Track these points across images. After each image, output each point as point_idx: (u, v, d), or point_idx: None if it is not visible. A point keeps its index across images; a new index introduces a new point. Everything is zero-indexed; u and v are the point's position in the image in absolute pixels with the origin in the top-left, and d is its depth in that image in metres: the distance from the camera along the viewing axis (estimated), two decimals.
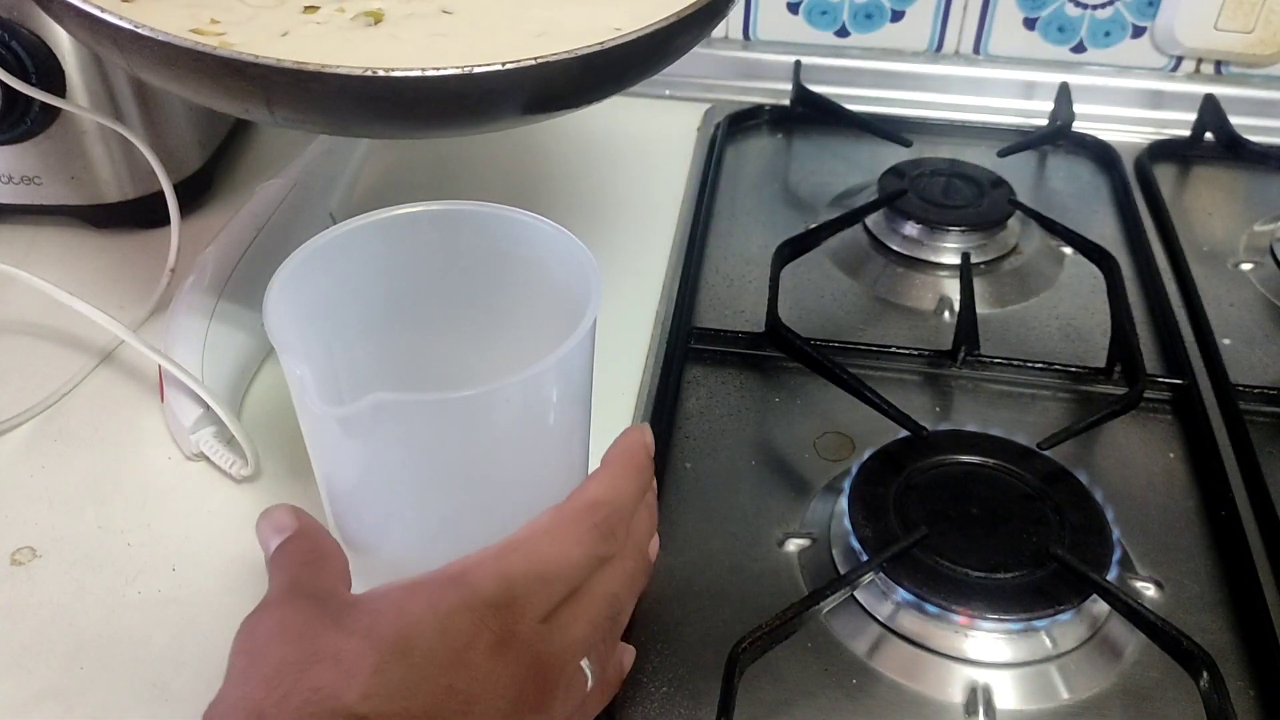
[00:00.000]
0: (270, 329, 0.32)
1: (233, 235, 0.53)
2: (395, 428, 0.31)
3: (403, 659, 0.30)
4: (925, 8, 0.77)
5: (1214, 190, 0.71)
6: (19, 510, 0.46)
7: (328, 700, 0.29)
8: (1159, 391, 0.52)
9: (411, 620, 0.31)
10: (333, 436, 0.34)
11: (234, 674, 0.31)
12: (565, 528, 0.34)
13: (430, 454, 0.33)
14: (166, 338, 0.50)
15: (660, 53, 0.33)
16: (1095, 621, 0.41)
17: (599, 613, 0.34)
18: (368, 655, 0.30)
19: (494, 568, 0.32)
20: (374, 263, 0.37)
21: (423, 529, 0.36)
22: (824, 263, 0.61)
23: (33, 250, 0.62)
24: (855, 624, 0.42)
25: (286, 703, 0.29)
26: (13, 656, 0.40)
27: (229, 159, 0.69)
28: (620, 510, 0.36)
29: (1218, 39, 0.74)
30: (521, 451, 0.34)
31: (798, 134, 0.75)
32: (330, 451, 0.35)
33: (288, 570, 0.34)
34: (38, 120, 0.57)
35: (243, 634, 0.32)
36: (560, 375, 0.33)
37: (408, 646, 0.30)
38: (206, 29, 0.31)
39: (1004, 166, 0.66)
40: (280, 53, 0.30)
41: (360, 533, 0.37)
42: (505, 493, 0.35)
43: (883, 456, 0.46)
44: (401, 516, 0.36)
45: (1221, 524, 0.46)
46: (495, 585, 0.32)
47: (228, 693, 0.31)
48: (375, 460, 0.34)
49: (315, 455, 0.36)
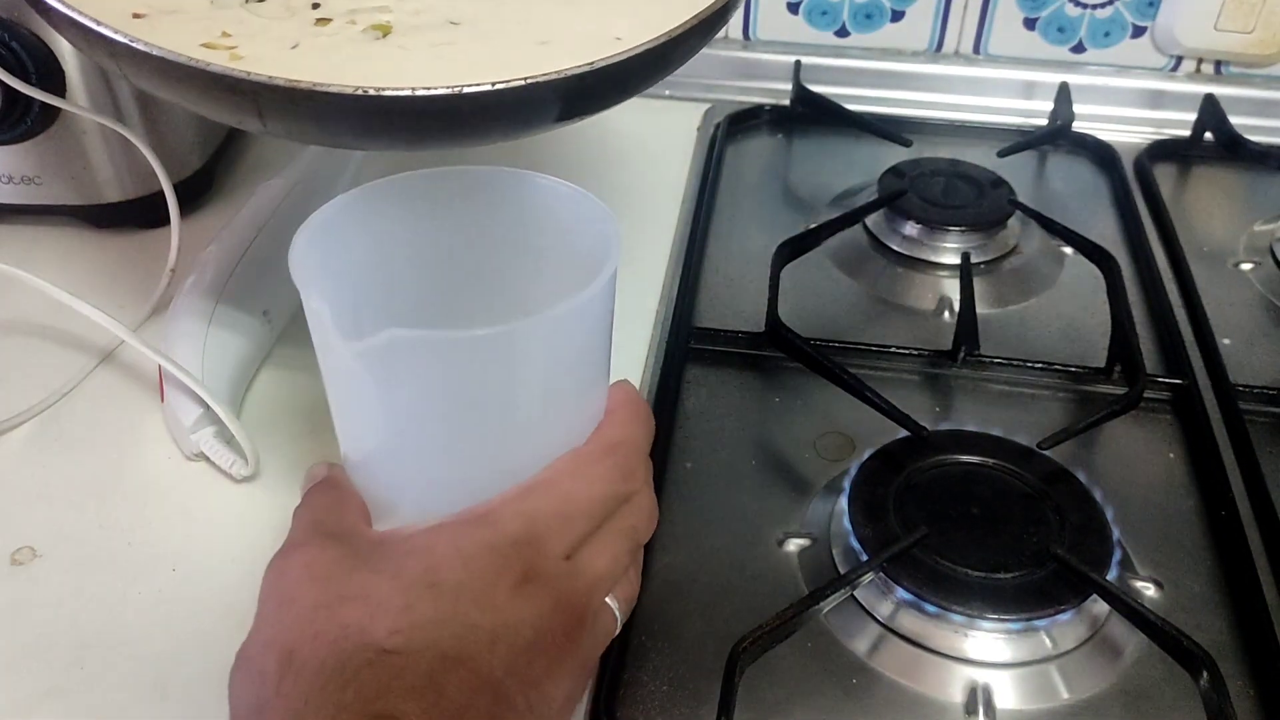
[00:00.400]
0: (294, 267, 0.32)
1: (233, 235, 0.53)
2: (413, 365, 0.31)
3: (430, 595, 0.30)
4: (925, 8, 0.77)
5: (1214, 190, 0.71)
6: (19, 510, 0.46)
7: (356, 637, 0.29)
8: (1159, 391, 0.52)
9: (437, 559, 0.31)
10: (351, 378, 0.33)
11: (264, 615, 0.32)
12: (586, 468, 0.35)
13: (448, 395, 0.33)
14: (166, 338, 0.50)
15: (654, 68, 0.34)
16: (1095, 621, 0.41)
17: (620, 547, 0.35)
18: (395, 593, 0.30)
19: (517, 507, 0.33)
20: (399, 223, 0.37)
21: (441, 477, 0.35)
22: (824, 263, 0.61)
23: (33, 250, 0.62)
24: (855, 624, 0.42)
25: (318, 641, 0.30)
26: (13, 656, 0.40)
27: (229, 159, 0.69)
28: (637, 450, 0.37)
29: (1218, 39, 0.74)
30: (540, 397, 0.34)
31: (798, 134, 0.75)
32: (348, 395, 0.35)
33: (310, 512, 0.35)
34: (38, 120, 0.57)
35: (270, 576, 0.33)
36: (580, 321, 0.33)
37: (434, 583, 0.31)
38: (218, 42, 0.31)
39: (1004, 166, 0.66)
40: (290, 64, 0.31)
41: (379, 483, 0.36)
42: (524, 439, 0.35)
43: (883, 456, 0.46)
44: (420, 463, 0.35)
45: (1221, 524, 0.46)
46: (519, 523, 0.32)
47: (258, 633, 0.31)
48: (393, 401, 0.33)
49: (334, 401, 0.36)
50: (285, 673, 0.30)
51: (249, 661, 0.31)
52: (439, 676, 0.29)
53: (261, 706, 0.30)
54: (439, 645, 0.30)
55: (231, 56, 0.31)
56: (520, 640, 0.31)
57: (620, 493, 0.35)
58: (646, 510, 0.37)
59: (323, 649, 0.30)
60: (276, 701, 0.29)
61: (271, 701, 0.29)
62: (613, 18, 0.34)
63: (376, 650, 0.29)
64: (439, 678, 0.29)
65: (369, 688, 0.29)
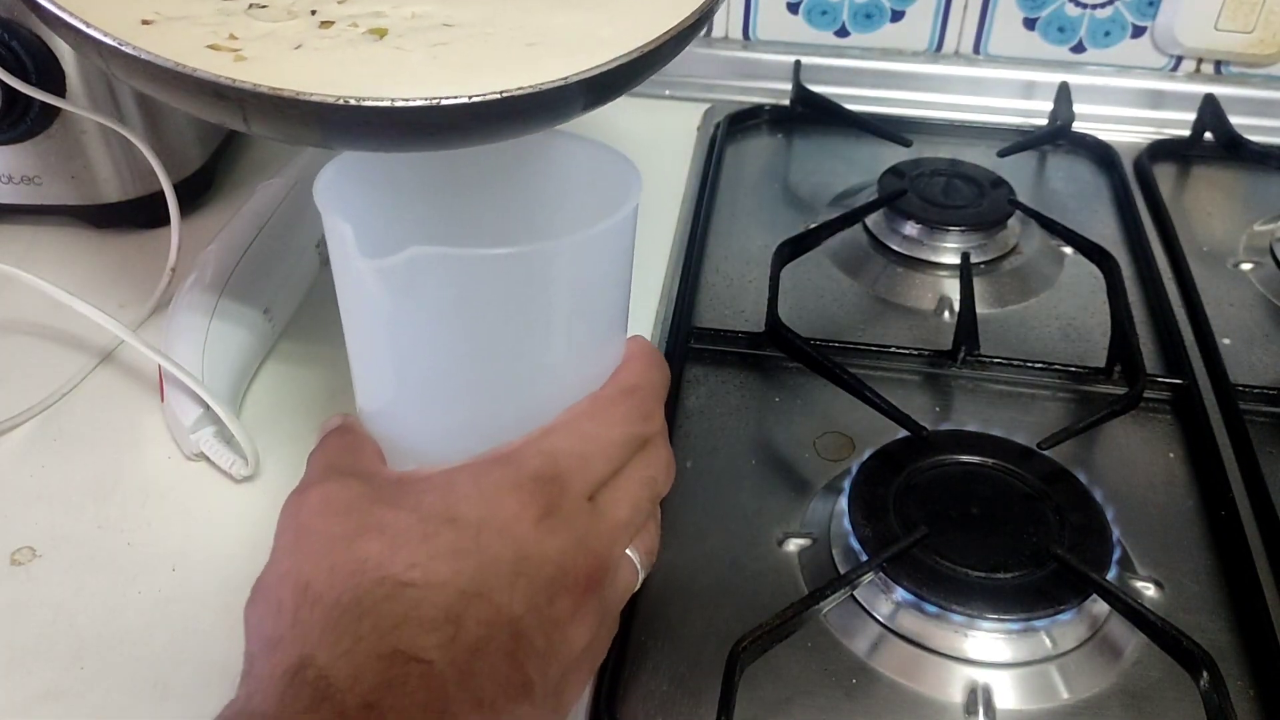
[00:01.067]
0: (318, 193, 0.32)
1: (233, 235, 0.53)
2: (433, 285, 0.31)
3: (449, 529, 0.30)
4: (925, 8, 0.77)
5: (1214, 190, 0.71)
6: (19, 510, 0.46)
7: (374, 570, 0.29)
8: (1159, 391, 0.52)
9: (457, 495, 0.31)
10: (371, 305, 0.33)
11: (281, 548, 0.32)
12: (605, 409, 0.35)
13: (468, 320, 0.32)
14: (166, 337, 0.50)
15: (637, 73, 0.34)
16: (1095, 621, 0.41)
17: (640, 494, 0.35)
18: (414, 526, 0.30)
19: (538, 446, 0.33)
20: (422, 171, 0.37)
21: (459, 420, 0.35)
22: (824, 263, 0.61)
23: (33, 250, 0.62)
24: (855, 624, 0.42)
25: (335, 573, 0.30)
26: (13, 656, 0.40)
27: (229, 159, 0.69)
28: (655, 394, 0.37)
29: (1218, 39, 0.74)
30: (561, 329, 0.34)
31: (798, 134, 0.75)
32: (368, 326, 0.34)
33: (325, 454, 0.34)
34: (38, 120, 0.57)
35: (288, 511, 0.32)
36: (602, 250, 0.33)
37: (454, 517, 0.30)
38: (225, 44, 0.32)
39: (1004, 166, 0.67)
40: (293, 65, 0.31)
41: (396, 429, 0.36)
42: (542, 378, 0.35)
43: (883, 456, 0.46)
44: (438, 404, 0.35)
45: (1221, 524, 0.46)
46: (540, 460, 0.32)
47: (275, 565, 0.31)
48: (413, 328, 0.33)
49: (352, 337, 0.35)
50: (301, 603, 0.29)
51: (265, 593, 0.31)
52: (457, 610, 0.29)
53: (278, 638, 0.29)
54: (458, 579, 0.30)
55: (236, 58, 0.31)
56: (541, 577, 0.31)
57: (639, 434, 0.35)
58: (665, 461, 0.37)
59: (340, 581, 0.29)
60: (292, 632, 0.29)
61: (288, 633, 0.29)
62: (601, 19, 0.35)
63: (394, 583, 0.29)
64: (457, 611, 0.29)
65: (386, 620, 0.29)
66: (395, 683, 0.28)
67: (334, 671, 0.28)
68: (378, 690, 0.28)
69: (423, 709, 0.28)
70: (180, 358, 0.48)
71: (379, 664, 0.28)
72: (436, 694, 0.28)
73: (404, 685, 0.28)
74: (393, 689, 0.28)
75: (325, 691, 0.28)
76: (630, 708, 0.39)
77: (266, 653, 0.29)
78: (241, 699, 0.29)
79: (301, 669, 0.28)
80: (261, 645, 0.30)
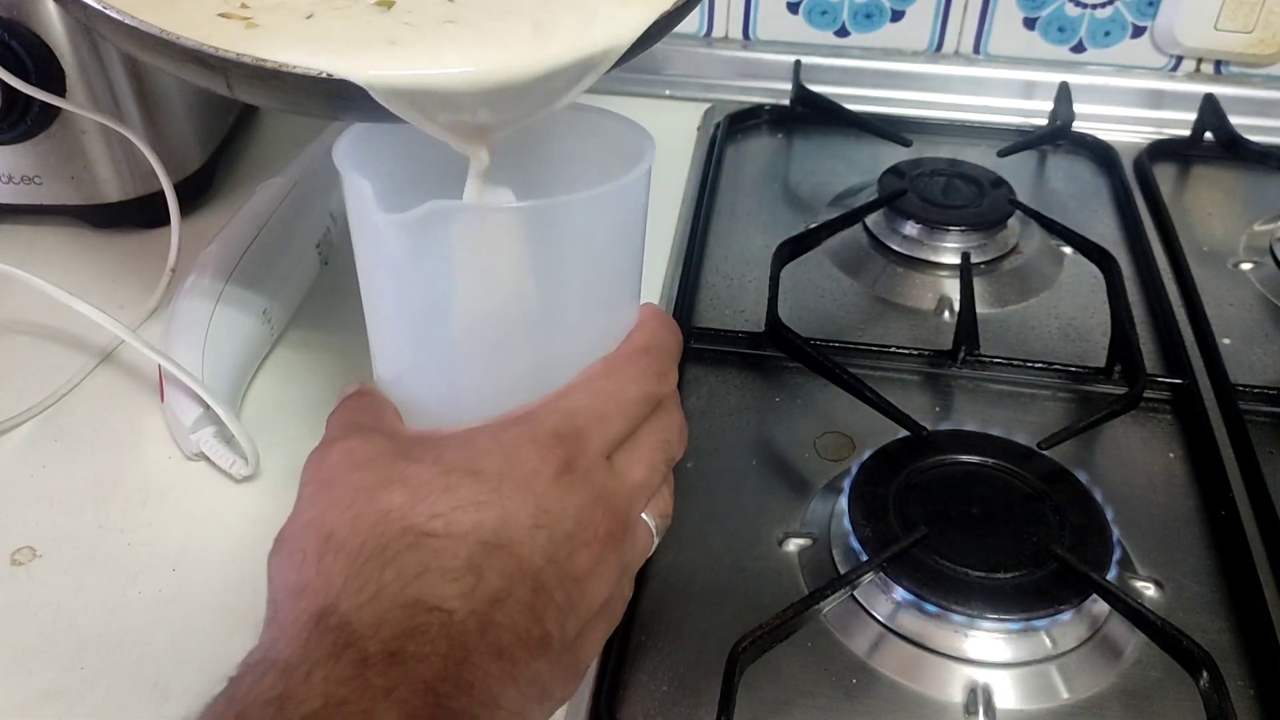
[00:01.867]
0: (337, 153, 0.33)
1: (233, 235, 0.53)
2: (451, 239, 0.31)
3: (470, 482, 0.31)
4: (925, 7, 0.77)
5: (1214, 190, 0.71)
6: (19, 510, 0.46)
7: (397, 520, 0.30)
8: (1159, 391, 0.52)
9: (478, 450, 0.32)
10: (389, 262, 0.33)
11: (304, 498, 0.32)
12: (620, 368, 0.35)
13: (485, 276, 0.32)
14: (166, 337, 0.50)
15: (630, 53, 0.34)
16: (1095, 621, 0.41)
17: (655, 457, 0.35)
18: (436, 479, 0.31)
19: (555, 404, 0.33)
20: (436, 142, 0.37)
21: (476, 383, 0.35)
22: (824, 263, 0.61)
23: (33, 250, 0.62)
24: (855, 624, 0.42)
25: (358, 523, 0.30)
26: (13, 656, 0.40)
27: (229, 159, 0.69)
28: (669, 354, 0.37)
29: (1218, 39, 0.74)
30: (575, 285, 0.34)
31: (798, 134, 0.75)
32: (385, 285, 0.34)
33: (345, 414, 0.35)
34: (38, 120, 0.57)
35: (311, 466, 0.33)
36: (616, 208, 0.33)
37: (475, 470, 0.31)
38: (235, 12, 0.33)
39: (1004, 166, 0.66)
40: (301, 34, 0.32)
41: (413, 394, 0.36)
42: (558, 338, 0.35)
43: (883, 456, 0.46)
44: (455, 365, 0.35)
45: (1221, 524, 0.46)
46: (558, 418, 0.33)
47: (298, 516, 0.32)
48: (431, 284, 0.33)
49: (370, 298, 0.35)
50: (325, 552, 0.30)
51: (288, 542, 0.31)
52: (478, 560, 0.30)
53: (301, 586, 0.30)
54: (479, 531, 0.30)
55: (248, 25, 0.32)
56: (561, 530, 0.31)
57: (654, 393, 0.36)
58: (678, 424, 0.37)
59: (363, 531, 0.30)
60: (316, 580, 0.30)
61: (311, 581, 0.30)
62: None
63: (417, 533, 0.30)
64: (478, 561, 0.30)
65: (409, 569, 0.29)
66: (417, 631, 0.28)
67: (357, 619, 0.28)
68: (399, 638, 0.28)
69: (443, 658, 0.28)
70: (180, 358, 0.48)
71: (401, 612, 0.29)
72: (457, 643, 0.29)
73: (425, 633, 0.28)
74: (414, 637, 0.28)
75: (348, 639, 0.28)
76: (630, 708, 0.39)
77: (290, 600, 0.30)
78: (265, 645, 0.29)
79: (325, 616, 0.29)
80: (285, 593, 0.30)
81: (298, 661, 0.28)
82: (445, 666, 0.28)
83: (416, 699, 0.27)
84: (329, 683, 0.27)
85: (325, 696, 0.27)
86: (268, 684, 0.27)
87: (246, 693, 0.27)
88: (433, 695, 0.28)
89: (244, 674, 0.28)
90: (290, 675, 0.27)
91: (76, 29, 0.55)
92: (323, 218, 0.58)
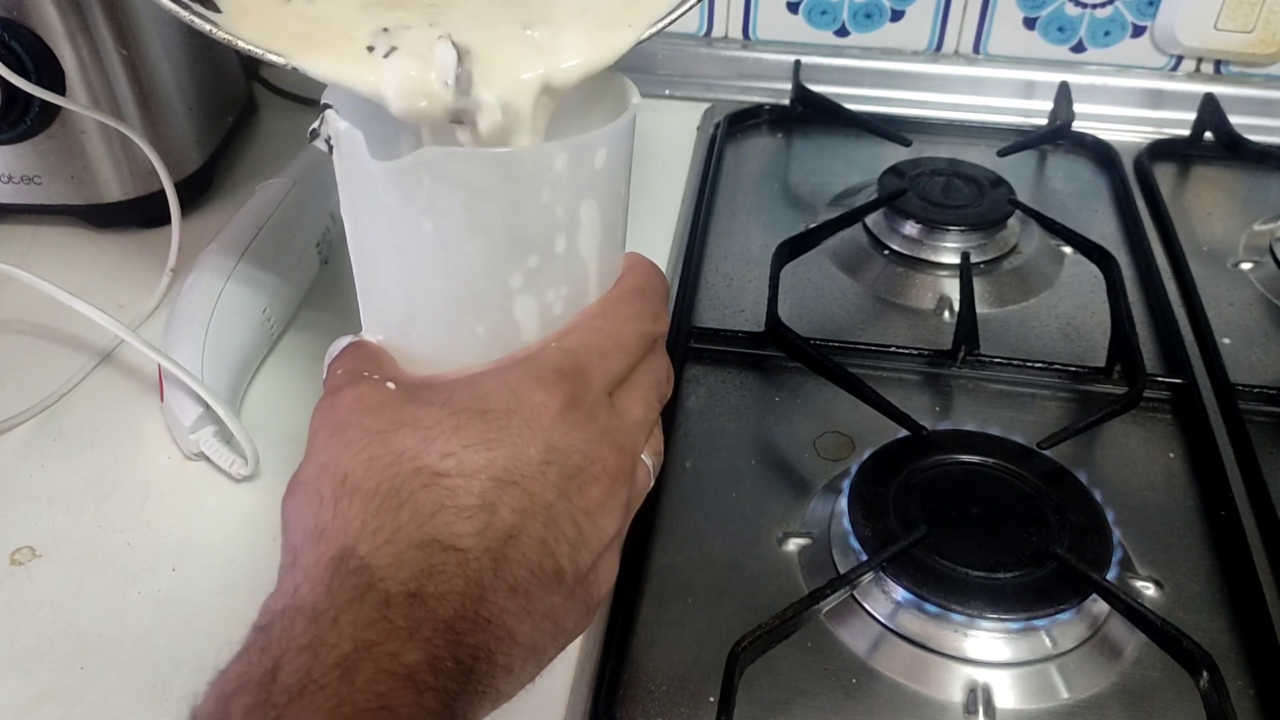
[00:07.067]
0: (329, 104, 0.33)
1: (233, 234, 0.53)
2: (443, 186, 0.31)
3: (480, 420, 0.31)
4: (925, 7, 0.77)
5: (1214, 190, 0.71)
6: (19, 510, 0.46)
7: (410, 461, 0.30)
8: (1159, 391, 0.52)
9: (485, 390, 0.32)
10: (381, 209, 0.33)
11: (317, 443, 0.33)
12: (617, 308, 0.36)
13: (477, 222, 0.32)
14: (166, 337, 0.50)
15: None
16: (1095, 621, 0.41)
17: (650, 396, 0.36)
18: (446, 419, 0.31)
19: (557, 344, 0.34)
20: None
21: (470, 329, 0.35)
22: (824, 262, 0.61)
23: (33, 250, 0.62)
24: (855, 624, 0.42)
25: (372, 465, 0.31)
26: (13, 656, 0.40)
27: (229, 158, 0.69)
28: (660, 296, 0.38)
29: (1218, 39, 0.74)
30: (569, 228, 0.34)
31: (798, 134, 0.75)
32: (377, 232, 0.34)
33: (347, 363, 0.35)
34: (38, 120, 0.57)
35: (320, 412, 0.33)
36: (609, 151, 0.34)
37: (484, 410, 0.32)
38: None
39: (1004, 166, 0.66)
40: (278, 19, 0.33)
41: (405, 343, 0.36)
42: (555, 277, 0.35)
43: (883, 456, 0.46)
44: (449, 317, 0.35)
45: (1221, 524, 0.46)
46: (560, 357, 0.33)
47: (312, 460, 0.32)
48: (423, 231, 0.33)
49: (360, 248, 0.35)
50: (341, 494, 0.30)
51: (304, 486, 0.32)
52: (491, 497, 0.30)
53: (321, 529, 0.30)
54: (491, 468, 0.31)
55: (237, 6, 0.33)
56: (570, 464, 0.32)
57: (650, 333, 0.36)
58: (666, 367, 0.38)
59: (377, 473, 0.30)
60: (334, 523, 0.30)
61: (330, 523, 0.30)
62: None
63: (430, 473, 0.30)
64: (491, 498, 0.30)
65: (424, 509, 0.30)
66: (435, 571, 0.29)
67: (375, 561, 0.29)
68: (419, 578, 0.29)
69: (461, 596, 0.29)
70: (180, 357, 0.48)
71: (418, 553, 0.29)
72: (473, 581, 0.29)
73: (443, 573, 0.29)
74: (432, 577, 0.29)
75: (369, 581, 0.28)
76: (630, 708, 0.39)
77: (310, 544, 0.30)
78: (288, 591, 0.29)
79: (345, 559, 0.29)
80: (304, 536, 0.31)
81: (324, 607, 0.28)
82: (463, 604, 0.29)
83: (438, 638, 0.28)
84: (356, 626, 0.28)
85: (354, 640, 0.27)
86: (299, 630, 0.28)
87: (278, 640, 0.28)
88: (452, 634, 0.29)
89: (272, 621, 0.29)
90: (319, 621, 0.28)
91: (76, 29, 0.55)
92: (322, 217, 0.58)
